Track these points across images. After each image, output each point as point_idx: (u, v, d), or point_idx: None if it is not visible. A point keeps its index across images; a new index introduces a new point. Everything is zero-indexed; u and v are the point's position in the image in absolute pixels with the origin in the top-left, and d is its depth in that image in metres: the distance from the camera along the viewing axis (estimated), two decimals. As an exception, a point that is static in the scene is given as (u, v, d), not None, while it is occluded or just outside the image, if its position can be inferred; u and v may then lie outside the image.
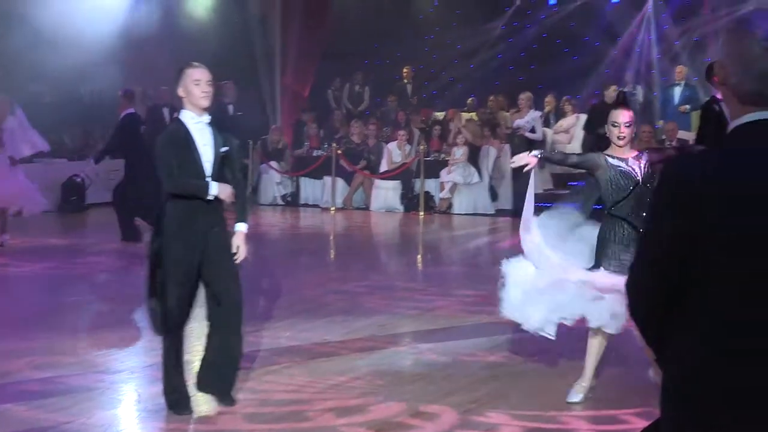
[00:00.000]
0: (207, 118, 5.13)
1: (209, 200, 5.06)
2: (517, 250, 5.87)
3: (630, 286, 2.27)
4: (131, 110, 11.83)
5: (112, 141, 11.85)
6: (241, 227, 5.20)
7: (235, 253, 5.15)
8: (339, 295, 8.65)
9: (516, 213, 14.55)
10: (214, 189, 5.03)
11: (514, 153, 14.51)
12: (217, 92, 5.64)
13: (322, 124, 17.95)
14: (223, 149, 5.14)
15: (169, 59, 17.96)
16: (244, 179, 5.55)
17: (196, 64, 5.15)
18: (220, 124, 5.14)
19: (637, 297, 2.27)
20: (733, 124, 2.26)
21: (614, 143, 5.53)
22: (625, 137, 5.46)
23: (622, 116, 5.49)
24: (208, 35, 18.47)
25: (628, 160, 5.46)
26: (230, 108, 15.90)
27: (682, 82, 15.83)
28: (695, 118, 16.03)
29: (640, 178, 5.40)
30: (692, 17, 18.42)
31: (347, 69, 19.31)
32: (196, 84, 5.05)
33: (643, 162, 5.44)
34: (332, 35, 19.21)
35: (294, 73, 19.07)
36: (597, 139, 14.39)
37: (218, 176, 5.11)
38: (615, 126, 5.50)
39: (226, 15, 18.84)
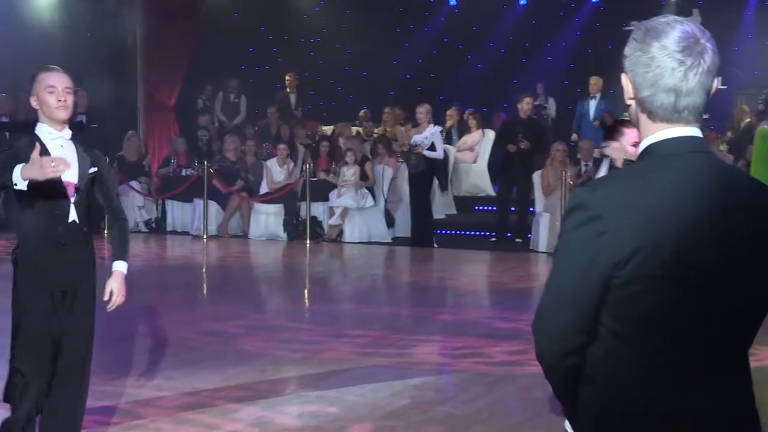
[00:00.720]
0: (68, 132, 4.91)
1: (66, 237, 4.80)
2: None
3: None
4: None
5: None
6: (121, 267, 5.00)
7: (108, 301, 4.95)
8: (212, 336, 8.59)
9: (416, 241, 14.75)
10: (16, 173, 4.49)
11: (411, 173, 14.74)
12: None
13: (190, 138, 17.83)
14: (92, 170, 4.93)
15: (8, 64, 17.67)
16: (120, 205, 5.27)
17: (51, 67, 4.95)
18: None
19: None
20: (644, 143, 2.37)
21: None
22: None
23: (629, 136, 5.59)
24: (54, 35, 18.18)
25: None
26: (82, 119, 15.64)
27: (598, 94, 16.31)
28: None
29: None
30: (606, 24, 19.03)
31: (220, 75, 19.26)
32: (51, 92, 4.82)
33: None
34: (202, 35, 19.13)
35: (158, 78, 18.92)
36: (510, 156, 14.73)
37: (87, 203, 4.90)
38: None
39: (76, 11, 18.56)
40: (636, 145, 5.44)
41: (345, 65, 20.72)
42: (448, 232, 15.81)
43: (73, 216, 4.83)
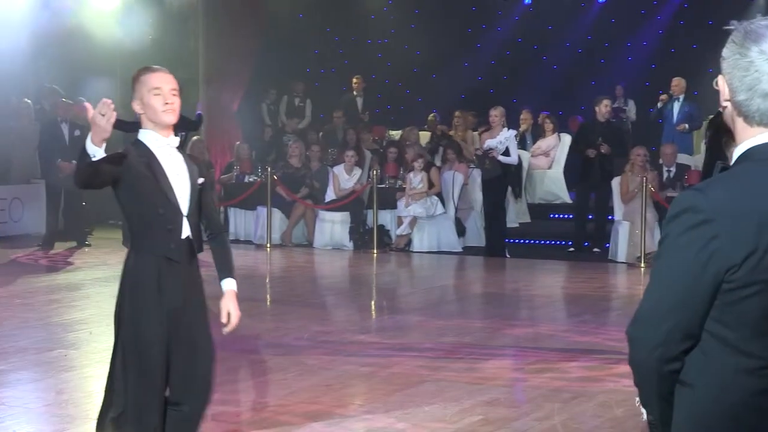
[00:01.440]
0: (175, 139, 4.68)
1: (179, 254, 4.60)
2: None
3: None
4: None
5: None
6: (232, 285, 4.82)
7: (225, 324, 4.79)
8: (276, 349, 8.64)
9: (488, 251, 14.70)
10: (88, 144, 4.21)
11: (484, 179, 14.69)
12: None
13: (254, 144, 17.99)
14: (200, 180, 4.72)
15: (64, 67, 18.00)
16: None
17: (155, 67, 4.72)
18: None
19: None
20: (742, 147, 2.38)
21: None
22: None
23: None
24: (116, 41, 18.49)
25: None
26: (200, 113, 15.88)
27: (681, 96, 16.11)
28: (697, 138, 16.36)
29: None
30: (690, 22, 18.81)
31: (284, 78, 19.41)
32: (156, 94, 4.57)
33: None
34: (266, 37, 19.29)
35: (221, 82, 19.09)
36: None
37: (198, 216, 4.72)
38: None
39: (139, 16, 18.85)
40: None
41: (414, 67, 20.74)
42: (522, 241, 15.73)
43: (186, 232, 4.63)
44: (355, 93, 18.97)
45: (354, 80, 18.93)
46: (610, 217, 14.72)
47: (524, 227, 16.21)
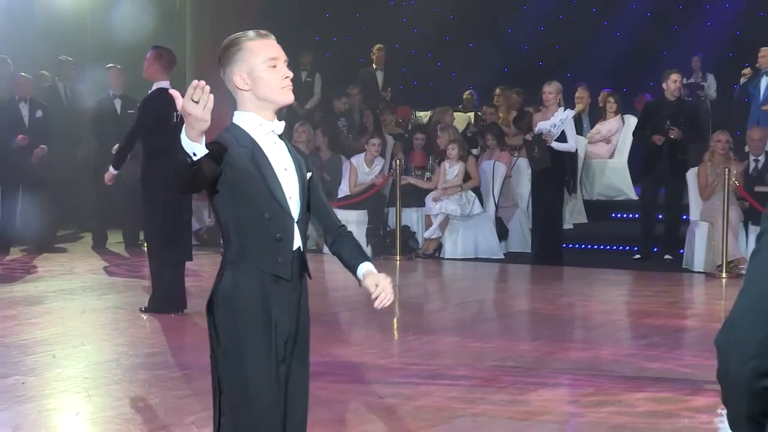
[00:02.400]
0: (280, 125, 4.50)
1: (289, 270, 4.47)
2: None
3: None
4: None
5: None
6: (369, 266, 4.59)
7: (374, 299, 4.51)
8: (278, 376, 8.65)
9: (537, 258, 14.68)
10: (184, 140, 4.02)
11: (534, 169, 14.64)
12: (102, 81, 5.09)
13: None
14: (308, 175, 4.57)
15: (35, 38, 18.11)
16: None
17: (264, 32, 4.52)
18: (104, 127, 4.90)
19: None
20: None
21: None
22: None
23: None
24: (85, 6, 18.58)
25: None
26: (117, 104, 15.93)
27: (771, 70, 16.09)
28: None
29: None
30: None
31: (289, 48, 19.43)
32: (273, 65, 4.44)
33: None
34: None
35: (212, 52, 19.13)
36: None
37: (306, 222, 4.56)
38: None
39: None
40: None
41: (446, 35, 20.75)
42: (577, 246, 15.73)
43: (297, 242, 4.48)
44: (374, 66, 19.02)
45: (374, 50, 18.95)
46: (684, 217, 14.69)
47: (580, 229, 16.21)
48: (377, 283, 4.50)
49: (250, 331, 4.35)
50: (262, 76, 4.40)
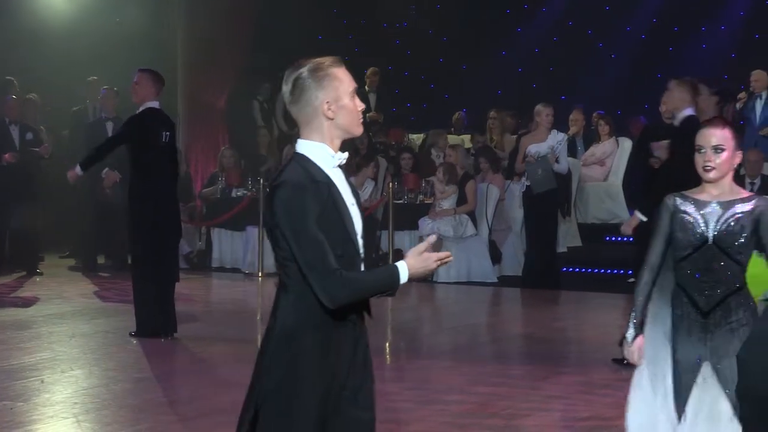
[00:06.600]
0: (344, 156, 4.38)
1: (357, 314, 4.39)
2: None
3: None
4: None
5: None
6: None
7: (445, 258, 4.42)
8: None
9: (530, 281, 14.66)
10: (404, 270, 4.24)
11: (536, 192, 14.55)
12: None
13: (244, 150, 18.01)
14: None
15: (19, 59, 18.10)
16: None
17: (339, 59, 4.49)
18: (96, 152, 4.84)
19: None
20: None
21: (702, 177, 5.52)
22: (711, 168, 5.41)
23: (709, 136, 5.45)
24: (74, 26, 18.54)
25: (708, 204, 5.45)
26: (109, 127, 15.92)
27: (764, 93, 16.05)
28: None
29: (711, 233, 5.42)
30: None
31: (282, 70, 19.44)
32: (354, 95, 4.40)
33: (750, 207, 5.37)
34: (260, 19, 19.35)
35: (203, 74, 19.14)
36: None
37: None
38: (700, 151, 5.48)
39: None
40: None
41: (439, 56, 20.78)
42: (571, 269, 15.73)
43: None
44: (367, 88, 19.01)
45: (368, 73, 18.96)
46: (679, 241, 14.67)
47: (574, 252, 16.20)
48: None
49: (311, 375, 4.31)
50: (347, 105, 4.36)
